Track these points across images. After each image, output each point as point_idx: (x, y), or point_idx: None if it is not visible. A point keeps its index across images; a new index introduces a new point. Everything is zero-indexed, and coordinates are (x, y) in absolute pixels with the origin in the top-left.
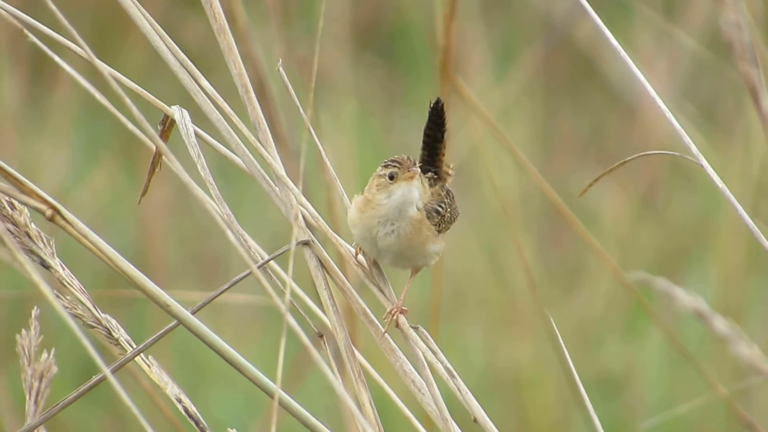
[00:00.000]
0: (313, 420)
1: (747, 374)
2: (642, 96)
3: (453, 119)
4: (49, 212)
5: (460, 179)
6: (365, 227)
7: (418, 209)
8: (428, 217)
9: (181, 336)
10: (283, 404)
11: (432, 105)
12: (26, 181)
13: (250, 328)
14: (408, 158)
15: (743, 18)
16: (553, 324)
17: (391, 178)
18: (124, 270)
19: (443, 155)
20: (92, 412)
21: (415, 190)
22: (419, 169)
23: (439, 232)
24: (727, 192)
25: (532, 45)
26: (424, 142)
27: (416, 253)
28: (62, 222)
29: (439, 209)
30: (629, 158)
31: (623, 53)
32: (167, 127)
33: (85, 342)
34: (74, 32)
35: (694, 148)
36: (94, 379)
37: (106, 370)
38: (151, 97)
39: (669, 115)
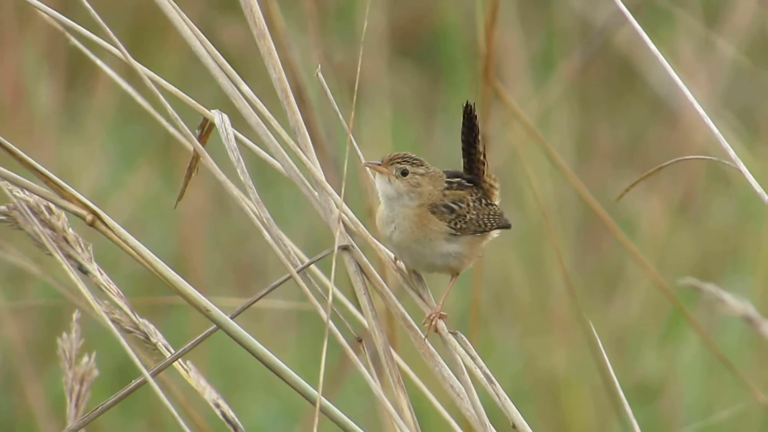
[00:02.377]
0: (353, 426)
1: None
2: (681, 103)
3: (493, 126)
4: (89, 217)
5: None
6: (379, 229)
7: (412, 205)
8: (436, 212)
9: (216, 342)
10: (324, 410)
11: (464, 108)
12: (67, 186)
13: (285, 333)
14: (394, 156)
15: None
16: (593, 329)
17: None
18: (164, 275)
19: (482, 162)
20: (127, 418)
21: (385, 184)
22: (377, 163)
23: (458, 230)
24: (765, 196)
25: (571, 52)
26: (462, 149)
27: (427, 250)
28: (102, 227)
29: (453, 207)
30: (667, 163)
31: (662, 59)
32: (206, 131)
33: (125, 345)
34: (112, 34)
35: (732, 153)
36: (134, 383)
37: (147, 374)
38: (191, 100)
39: (707, 119)
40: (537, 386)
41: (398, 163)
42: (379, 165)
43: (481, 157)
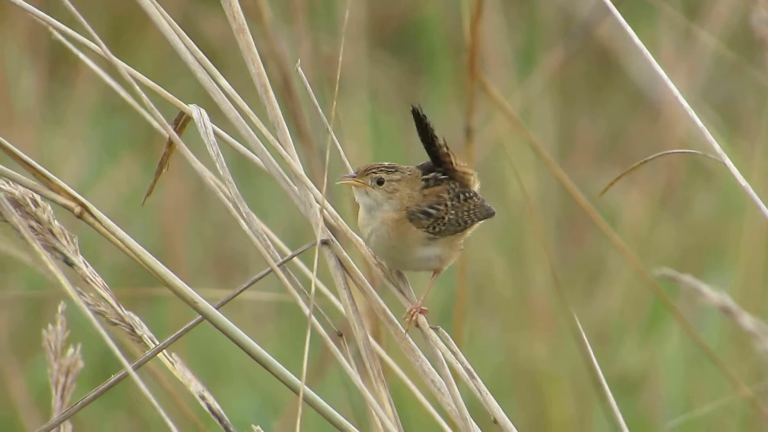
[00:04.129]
0: (337, 416)
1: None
2: (662, 97)
3: (477, 118)
4: (77, 209)
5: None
6: (361, 229)
7: (393, 212)
8: (413, 220)
9: (195, 336)
10: (308, 400)
11: (412, 112)
12: (54, 178)
13: (264, 325)
14: (367, 167)
15: None
16: (578, 322)
17: None
18: (152, 266)
19: (446, 153)
20: (107, 408)
21: (362, 195)
22: (353, 175)
23: (437, 233)
24: (750, 190)
25: (553, 45)
26: (426, 150)
27: (405, 257)
28: (90, 219)
29: (431, 211)
30: (651, 157)
31: (645, 51)
32: (181, 125)
33: (108, 339)
34: (91, 30)
35: (717, 147)
36: (116, 376)
37: (129, 367)
38: (168, 94)
39: (691, 112)
40: (517, 379)
41: (373, 173)
42: (354, 177)
43: (444, 149)
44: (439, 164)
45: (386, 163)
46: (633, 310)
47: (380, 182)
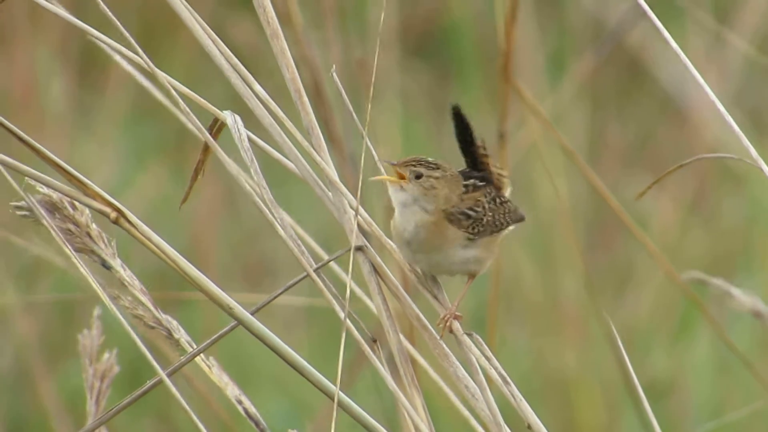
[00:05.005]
0: (371, 421)
1: None
2: (691, 102)
3: (510, 123)
4: (113, 215)
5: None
6: (395, 237)
7: (428, 211)
8: (453, 221)
9: (225, 343)
10: (342, 405)
11: (452, 111)
12: (90, 183)
13: (294, 332)
14: (409, 159)
15: None
16: (613, 327)
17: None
18: (187, 272)
19: (486, 158)
20: (138, 416)
21: (397, 192)
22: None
23: (475, 235)
24: None
25: (583, 51)
26: (461, 150)
27: (445, 259)
28: (126, 224)
29: (470, 213)
30: (687, 161)
31: (681, 53)
32: (216, 131)
33: (140, 344)
34: (129, 35)
35: (753, 152)
36: (151, 381)
37: (163, 374)
38: (202, 101)
39: (728, 116)
40: (547, 385)
41: (413, 166)
42: (394, 165)
43: (482, 151)
44: (475, 165)
45: (429, 158)
46: (662, 316)
47: (418, 176)
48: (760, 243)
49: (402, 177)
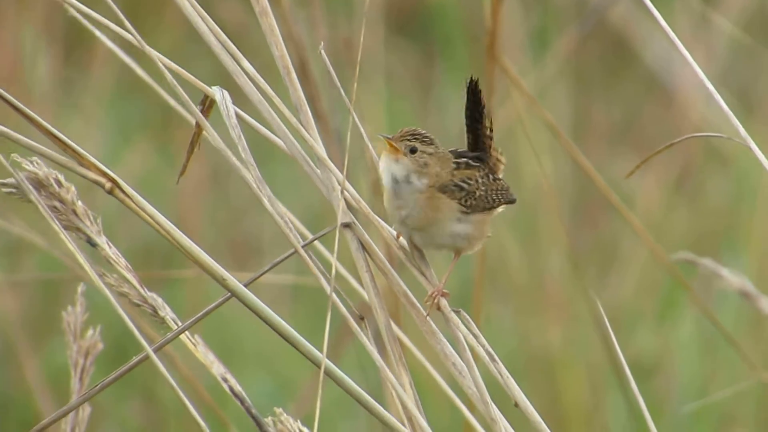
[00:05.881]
0: (358, 389)
1: None
2: (677, 81)
3: (496, 102)
4: (108, 185)
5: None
6: (387, 207)
7: (420, 187)
8: (446, 192)
9: (211, 322)
10: (329, 374)
11: (468, 83)
12: (86, 153)
13: (279, 309)
14: (404, 132)
15: None
16: (599, 305)
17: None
18: (181, 243)
19: (489, 137)
20: (123, 393)
21: (391, 163)
22: (389, 138)
23: (468, 208)
24: None
25: (567, 29)
26: (466, 125)
27: (435, 230)
28: (121, 195)
29: (463, 185)
30: (676, 141)
31: (669, 31)
32: (206, 107)
33: (128, 321)
34: (117, 9)
35: (742, 131)
36: (137, 358)
37: (149, 349)
38: (191, 77)
39: (716, 95)
40: (531, 364)
41: (407, 140)
42: (390, 138)
43: (488, 132)
44: (476, 144)
45: (423, 132)
46: (647, 295)
47: (413, 151)
48: (745, 222)
49: (397, 151)
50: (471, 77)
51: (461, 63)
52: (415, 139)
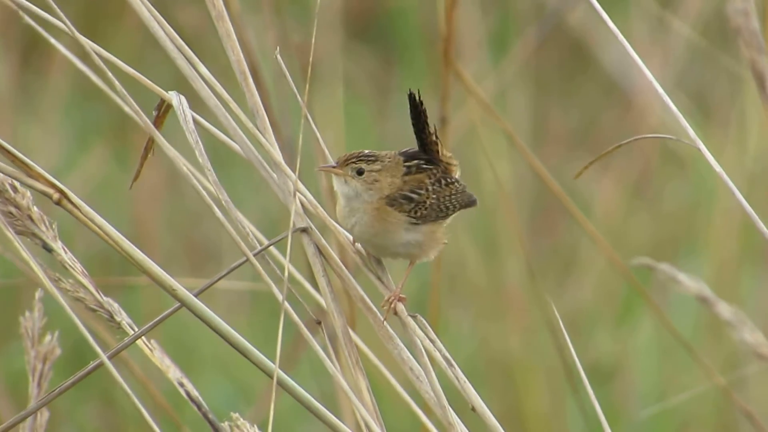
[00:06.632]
0: (310, 399)
1: (741, 364)
2: (635, 86)
3: (451, 107)
4: (56, 196)
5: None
6: (340, 220)
7: (372, 201)
8: (394, 204)
9: (168, 326)
10: (282, 384)
11: (409, 96)
12: (33, 164)
13: (237, 316)
14: (348, 156)
15: (750, 5)
16: (555, 310)
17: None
18: (130, 253)
19: (435, 143)
20: (82, 398)
21: (342, 185)
22: (333, 165)
23: (419, 218)
24: (725, 175)
25: (525, 33)
26: (414, 134)
27: (387, 242)
28: (69, 206)
29: (413, 196)
30: (626, 141)
31: (620, 36)
32: (162, 112)
33: (81, 327)
34: (62, 14)
35: (691, 132)
36: (93, 364)
37: (104, 356)
38: (147, 81)
39: (665, 97)
40: (491, 369)
41: (353, 163)
42: (334, 167)
43: (434, 138)
44: (425, 152)
45: (366, 151)
46: (605, 300)
47: (360, 173)
48: (703, 227)
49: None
50: (411, 90)
51: (419, 68)
52: (359, 161)
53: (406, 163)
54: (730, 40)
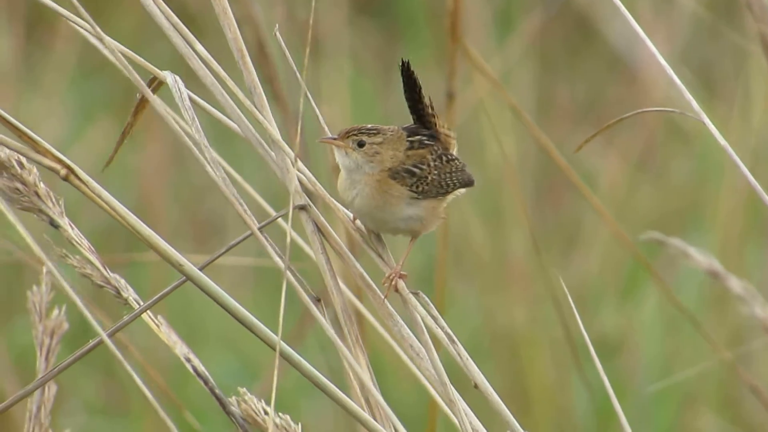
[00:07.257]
0: (314, 371)
1: (745, 338)
2: (640, 61)
3: (457, 82)
4: (63, 172)
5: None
6: (341, 194)
7: (373, 174)
8: (397, 178)
9: (175, 303)
10: (285, 356)
11: (401, 67)
12: (40, 140)
13: (240, 292)
14: (349, 129)
15: None
16: (562, 283)
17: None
18: (137, 229)
19: (433, 117)
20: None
21: (343, 157)
22: (333, 137)
23: (420, 193)
24: (729, 149)
25: (532, 9)
26: (409, 108)
27: (387, 215)
28: (76, 181)
29: (414, 170)
30: (628, 114)
31: (624, 10)
32: (153, 89)
33: (80, 304)
34: None
35: (695, 105)
36: (95, 341)
37: (103, 334)
38: (141, 60)
39: (669, 71)
40: (496, 342)
41: (354, 135)
42: (335, 139)
43: (430, 110)
44: (422, 124)
45: (369, 125)
46: (611, 274)
47: (361, 145)
48: (708, 201)
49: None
50: (402, 60)
51: (425, 42)
52: (360, 133)
53: (409, 138)
54: (735, 15)
